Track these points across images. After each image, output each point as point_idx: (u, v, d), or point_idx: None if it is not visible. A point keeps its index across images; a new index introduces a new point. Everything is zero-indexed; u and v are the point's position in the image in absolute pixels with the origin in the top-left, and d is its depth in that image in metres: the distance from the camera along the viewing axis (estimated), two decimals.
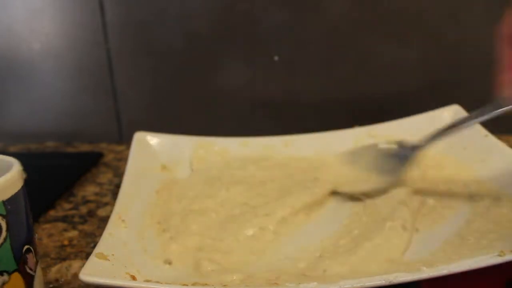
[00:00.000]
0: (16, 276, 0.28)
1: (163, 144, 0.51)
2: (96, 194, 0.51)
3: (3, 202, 0.27)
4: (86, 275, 0.29)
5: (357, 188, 0.43)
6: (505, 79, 0.34)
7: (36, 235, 0.31)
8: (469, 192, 0.41)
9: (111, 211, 0.38)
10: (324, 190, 0.44)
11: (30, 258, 0.29)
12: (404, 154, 0.43)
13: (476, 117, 0.38)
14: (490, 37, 0.35)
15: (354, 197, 0.43)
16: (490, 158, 0.43)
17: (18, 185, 0.28)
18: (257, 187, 0.45)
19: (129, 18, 0.61)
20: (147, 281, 0.31)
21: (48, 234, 0.43)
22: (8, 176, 0.27)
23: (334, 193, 0.44)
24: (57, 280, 0.36)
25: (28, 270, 0.29)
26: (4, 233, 0.27)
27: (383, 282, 0.28)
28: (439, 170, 0.46)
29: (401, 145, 0.44)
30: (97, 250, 0.32)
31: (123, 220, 0.37)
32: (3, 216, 0.27)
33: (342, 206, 0.43)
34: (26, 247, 0.29)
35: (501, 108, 0.35)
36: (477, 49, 0.58)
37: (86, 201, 0.49)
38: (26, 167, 0.33)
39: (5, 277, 0.27)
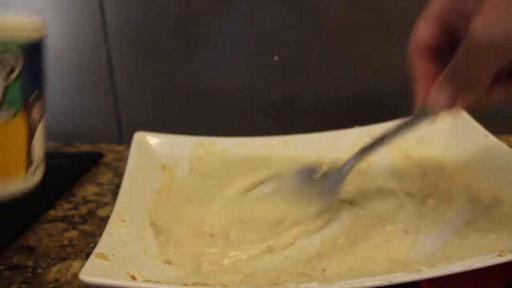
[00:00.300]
0: (20, 118, 0.29)
1: (163, 144, 0.51)
2: (96, 194, 0.51)
3: (21, 41, 0.28)
4: (86, 275, 0.29)
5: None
6: (419, 93, 0.34)
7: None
8: (469, 192, 0.41)
9: (111, 211, 0.38)
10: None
11: (37, 109, 0.30)
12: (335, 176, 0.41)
13: (397, 130, 0.38)
14: None
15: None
16: (490, 158, 0.43)
17: (39, 29, 0.30)
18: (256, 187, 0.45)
19: (129, 18, 0.61)
20: (147, 281, 0.31)
21: (48, 234, 0.43)
22: (29, 18, 0.29)
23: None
24: (57, 280, 0.36)
25: (33, 118, 0.30)
26: (18, 68, 0.28)
27: (383, 282, 0.28)
28: (439, 170, 0.46)
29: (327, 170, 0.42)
30: (97, 250, 0.32)
31: (123, 220, 0.37)
32: (22, 54, 0.28)
33: (342, 206, 0.43)
34: (35, 92, 0.30)
35: (423, 117, 0.35)
36: None
37: (86, 201, 0.49)
38: None
39: (11, 112, 0.28)
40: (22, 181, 0.31)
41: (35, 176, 0.32)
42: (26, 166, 0.31)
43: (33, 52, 0.30)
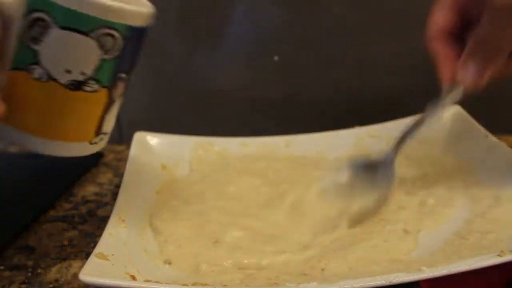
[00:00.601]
0: (103, 94, 0.31)
1: (163, 144, 0.51)
2: (96, 194, 0.51)
3: (130, 26, 0.30)
4: (86, 275, 0.29)
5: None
6: (445, 74, 0.37)
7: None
8: (469, 192, 0.41)
9: (111, 211, 0.38)
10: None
11: (120, 88, 0.32)
12: (383, 164, 0.42)
13: (430, 112, 0.39)
14: None
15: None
16: (490, 158, 0.43)
17: (146, 20, 0.32)
18: (256, 187, 0.45)
19: None
20: (147, 281, 0.31)
21: (48, 234, 0.43)
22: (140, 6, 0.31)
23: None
24: (57, 280, 0.36)
25: (114, 96, 0.32)
26: (117, 51, 0.30)
27: (383, 282, 0.28)
28: (439, 170, 0.46)
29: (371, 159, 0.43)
30: (97, 250, 0.32)
31: (123, 220, 0.37)
32: (124, 38, 0.30)
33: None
34: (123, 75, 0.32)
35: (453, 97, 0.37)
36: None
37: (86, 201, 0.49)
38: (26, 167, 0.34)
39: (96, 87, 0.30)
40: (87, 145, 0.33)
41: (99, 145, 0.34)
42: (95, 134, 0.33)
43: (134, 38, 0.31)
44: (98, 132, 0.33)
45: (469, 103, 0.46)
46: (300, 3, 0.59)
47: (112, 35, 0.29)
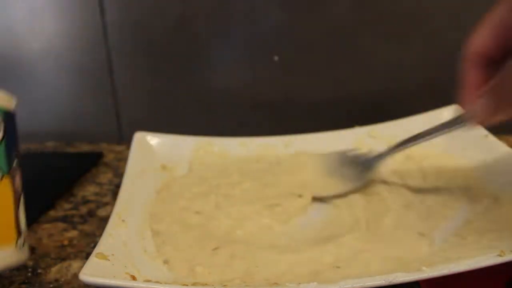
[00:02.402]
0: (6, 183, 0.30)
1: (163, 144, 0.51)
2: (96, 194, 0.51)
3: (2, 109, 0.30)
4: (86, 275, 0.29)
5: (324, 193, 0.44)
6: (465, 99, 0.35)
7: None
8: (469, 192, 0.41)
9: (111, 211, 0.38)
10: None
11: (18, 176, 0.32)
12: (368, 163, 0.45)
13: (436, 130, 0.39)
14: None
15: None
16: (490, 158, 0.43)
17: (12, 103, 0.33)
18: (256, 187, 0.45)
19: (129, 18, 0.61)
20: (147, 281, 0.31)
21: (48, 234, 0.43)
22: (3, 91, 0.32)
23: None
24: (57, 280, 0.36)
25: (16, 184, 0.31)
26: (1, 133, 0.30)
27: (383, 282, 0.28)
28: (439, 170, 0.46)
29: (366, 154, 0.46)
30: (97, 250, 0.32)
31: (123, 220, 0.37)
32: (2, 119, 0.30)
33: (340, 205, 0.43)
34: (15, 161, 0.31)
35: (460, 124, 0.36)
36: None
37: (86, 201, 0.49)
38: (26, 167, 0.34)
39: None
40: (14, 252, 0.30)
41: (24, 250, 0.32)
42: (16, 235, 0.31)
43: (11, 120, 0.32)
44: (19, 230, 0.31)
45: None
46: (300, 3, 0.59)
47: None
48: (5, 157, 0.30)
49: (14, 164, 0.31)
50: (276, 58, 0.61)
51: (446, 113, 0.50)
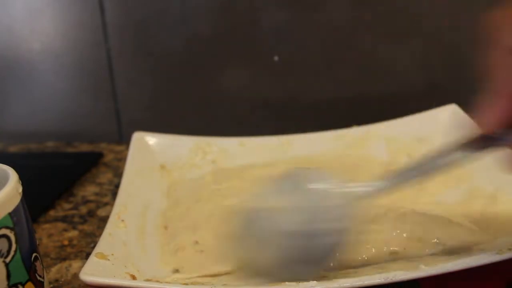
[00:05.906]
0: (29, 286, 0.28)
1: (162, 144, 0.51)
2: (96, 194, 0.51)
3: (9, 214, 0.26)
4: (86, 275, 0.29)
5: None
6: (487, 108, 0.28)
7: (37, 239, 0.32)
8: (467, 192, 0.41)
9: (111, 211, 0.38)
10: None
11: (38, 265, 0.29)
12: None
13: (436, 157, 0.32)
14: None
15: None
16: (488, 158, 0.43)
17: (18, 194, 0.27)
18: (256, 188, 0.45)
19: (129, 18, 0.61)
20: (147, 280, 0.31)
21: (48, 234, 0.43)
22: (8, 187, 0.26)
23: None
24: (57, 280, 0.36)
25: (38, 278, 0.28)
26: (14, 245, 0.26)
27: (382, 281, 0.28)
28: None
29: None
30: (97, 250, 0.32)
31: (122, 220, 0.37)
32: (11, 229, 0.26)
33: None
34: (34, 255, 0.28)
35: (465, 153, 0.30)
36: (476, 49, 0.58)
37: (86, 201, 0.49)
38: (26, 167, 0.33)
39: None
40: None
41: None
42: None
43: (20, 216, 0.27)
44: None
45: (468, 102, 0.46)
46: (300, 3, 0.59)
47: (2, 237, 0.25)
48: (23, 265, 0.27)
49: (33, 259, 0.28)
50: (276, 58, 0.61)
51: (445, 112, 0.50)
